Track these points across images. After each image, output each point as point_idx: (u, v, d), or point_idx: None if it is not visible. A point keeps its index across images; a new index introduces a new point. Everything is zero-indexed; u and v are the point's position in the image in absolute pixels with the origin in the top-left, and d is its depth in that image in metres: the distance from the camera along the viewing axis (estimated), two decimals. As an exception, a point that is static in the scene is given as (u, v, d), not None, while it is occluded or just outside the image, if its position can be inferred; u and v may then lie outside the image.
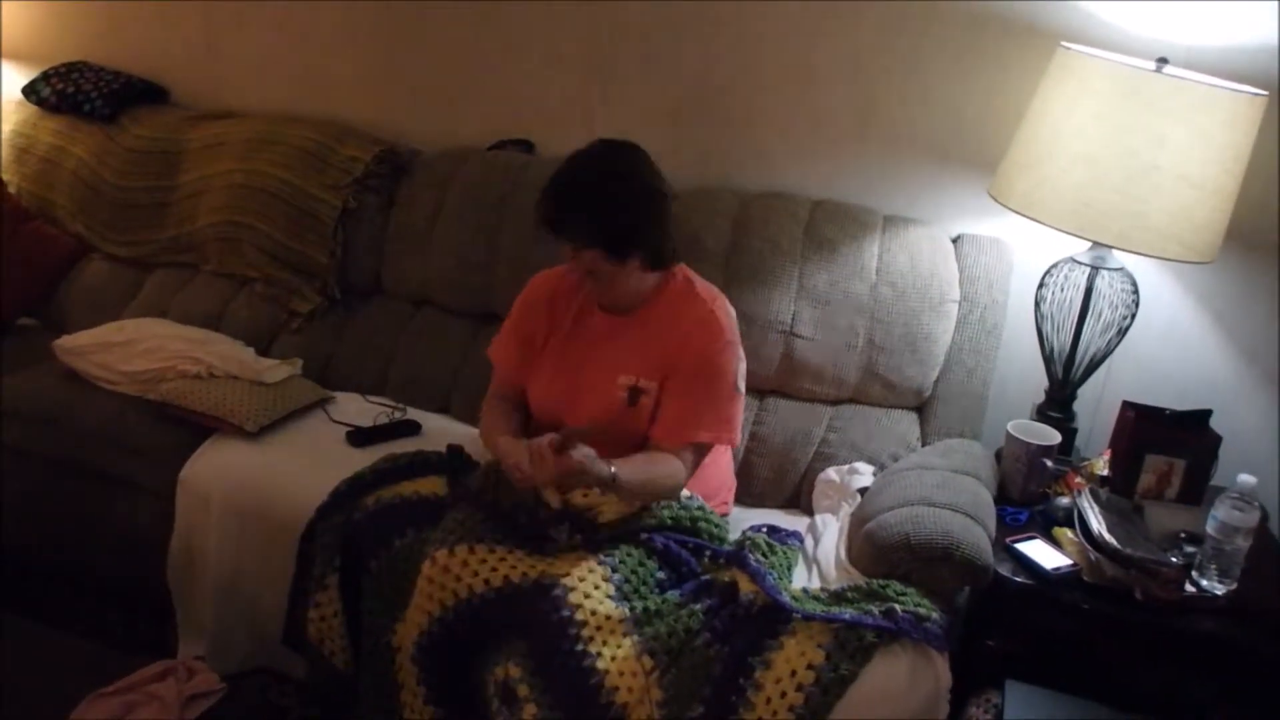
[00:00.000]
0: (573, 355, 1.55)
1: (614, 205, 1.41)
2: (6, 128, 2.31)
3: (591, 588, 1.33)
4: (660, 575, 1.41)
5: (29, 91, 2.31)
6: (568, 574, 1.34)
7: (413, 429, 1.80)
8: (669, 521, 1.46)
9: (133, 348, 1.87)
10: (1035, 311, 1.67)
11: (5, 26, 2.42)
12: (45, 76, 2.30)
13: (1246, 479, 1.39)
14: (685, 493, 1.49)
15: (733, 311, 1.53)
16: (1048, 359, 1.67)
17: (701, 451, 1.49)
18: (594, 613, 1.31)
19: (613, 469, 1.37)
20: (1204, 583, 1.39)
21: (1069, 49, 1.52)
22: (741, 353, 1.51)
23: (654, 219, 1.46)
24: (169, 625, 1.73)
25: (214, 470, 1.66)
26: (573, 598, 1.31)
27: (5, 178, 2.25)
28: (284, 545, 1.55)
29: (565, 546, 1.41)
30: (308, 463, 1.65)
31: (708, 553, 1.46)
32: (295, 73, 2.22)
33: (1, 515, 1.83)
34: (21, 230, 2.19)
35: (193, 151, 2.16)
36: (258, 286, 2.07)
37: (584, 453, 1.33)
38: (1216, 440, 1.52)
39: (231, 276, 2.10)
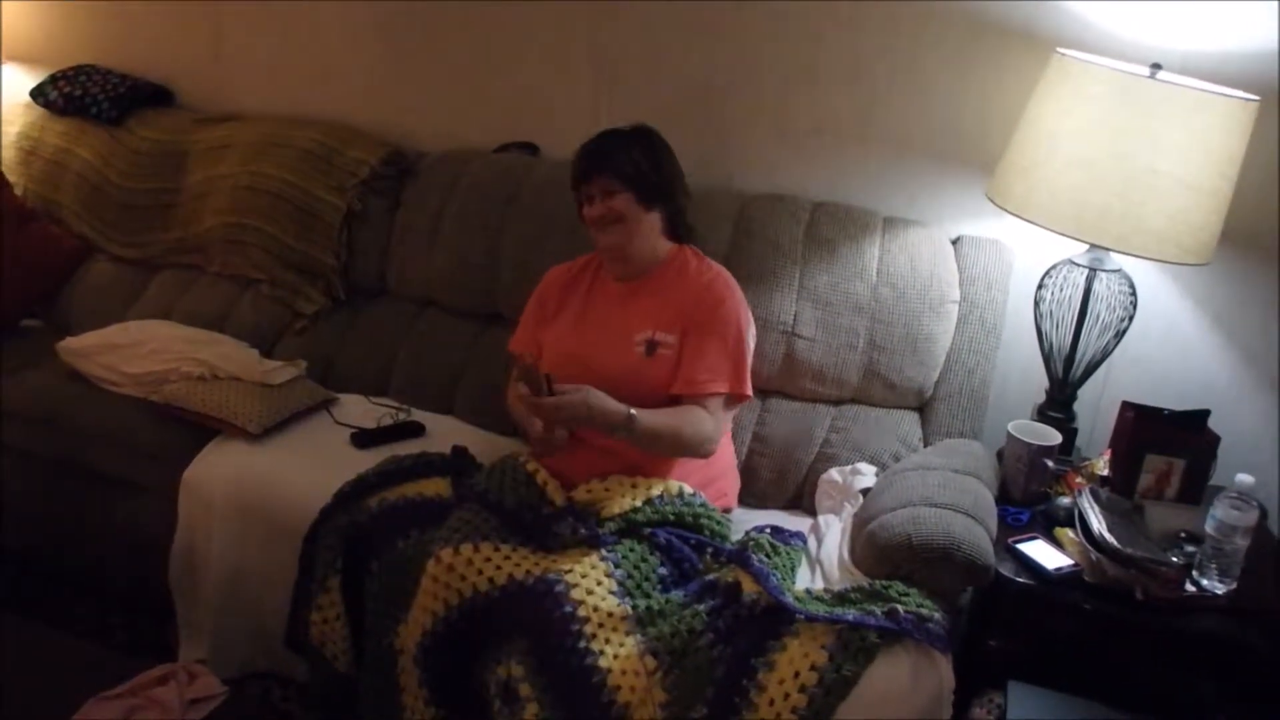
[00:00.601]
0: (587, 321, 1.60)
1: (652, 152, 1.56)
2: (14, 130, 2.33)
3: (594, 584, 1.34)
4: (662, 571, 1.41)
5: (36, 94, 2.32)
6: (570, 570, 1.34)
7: (417, 430, 1.80)
8: (671, 517, 1.46)
9: (137, 349, 1.88)
10: (1034, 312, 1.68)
11: (12, 29, 2.45)
12: (53, 79, 2.32)
13: (1245, 478, 1.40)
14: (687, 488, 1.50)
15: (739, 287, 1.60)
16: (1047, 359, 1.69)
17: (725, 407, 1.53)
18: (596, 609, 1.31)
19: (633, 411, 1.41)
20: (1204, 582, 1.39)
21: (1065, 55, 1.54)
22: (750, 316, 1.60)
23: (680, 182, 1.60)
24: (170, 628, 1.73)
25: (217, 472, 1.67)
26: (575, 594, 1.32)
27: (12, 179, 2.27)
28: (287, 547, 1.55)
29: (569, 541, 1.42)
30: (311, 464, 1.66)
31: (709, 549, 1.47)
32: (301, 76, 2.24)
33: (3, 516, 1.83)
34: (27, 231, 2.20)
35: (198, 154, 2.17)
36: (263, 288, 2.08)
37: (565, 388, 1.38)
38: (1215, 440, 1.53)
39: (236, 278, 2.11)
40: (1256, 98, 1.45)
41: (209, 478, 1.66)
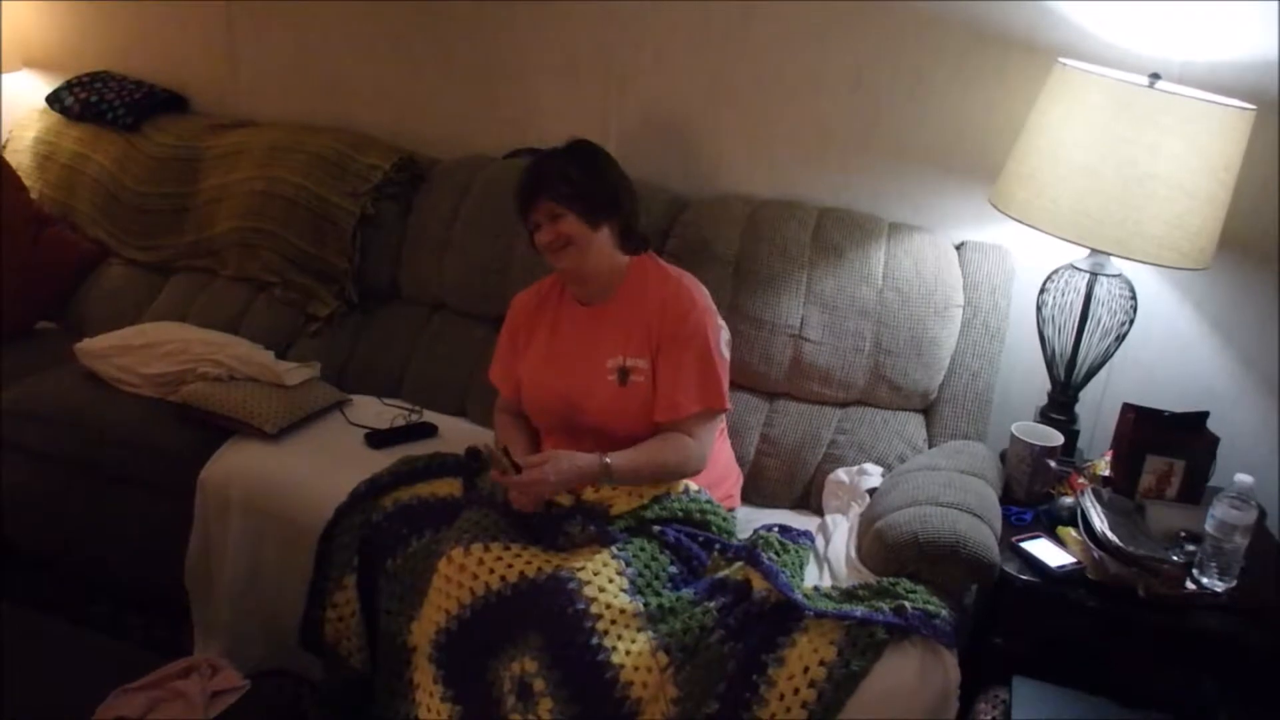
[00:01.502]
0: (559, 352, 1.59)
1: (592, 168, 1.53)
2: (30, 134, 2.36)
3: (606, 581, 1.36)
4: (672, 570, 1.43)
5: (53, 100, 2.35)
6: (582, 567, 1.36)
7: (429, 431, 1.83)
8: (679, 514, 1.48)
9: (153, 350, 1.90)
10: (1037, 316, 1.71)
11: (29, 36, 2.48)
12: (69, 86, 2.35)
13: (1244, 478, 1.43)
14: (693, 486, 1.52)
15: (704, 288, 1.58)
16: (1049, 362, 1.72)
17: (706, 422, 1.52)
18: (609, 605, 1.33)
19: (606, 459, 1.42)
20: (1204, 580, 1.42)
21: (1066, 65, 1.57)
22: (720, 321, 1.57)
23: (626, 191, 1.56)
24: (184, 627, 1.74)
25: (234, 471, 1.68)
26: (587, 591, 1.33)
27: (28, 183, 2.29)
28: (303, 546, 1.56)
29: (580, 539, 1.44)
30: (327, 464, 1.68)
31: (717, 546, 1.49)
32: (315, 83, 2.27)
33: (21, 516, 1.84)
34: (43, 235, 2.23)
35: (213, 159, 2.20)
36: (276, 291, 2.10)
37: (532, 462, 1.40)
38: (1214, 441, 1.56)
39: (250, 281, 2.14)
40: (1253, 107, 1.48)
41: (226, 477, 1.68)
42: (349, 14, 2.18)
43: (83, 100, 2.31)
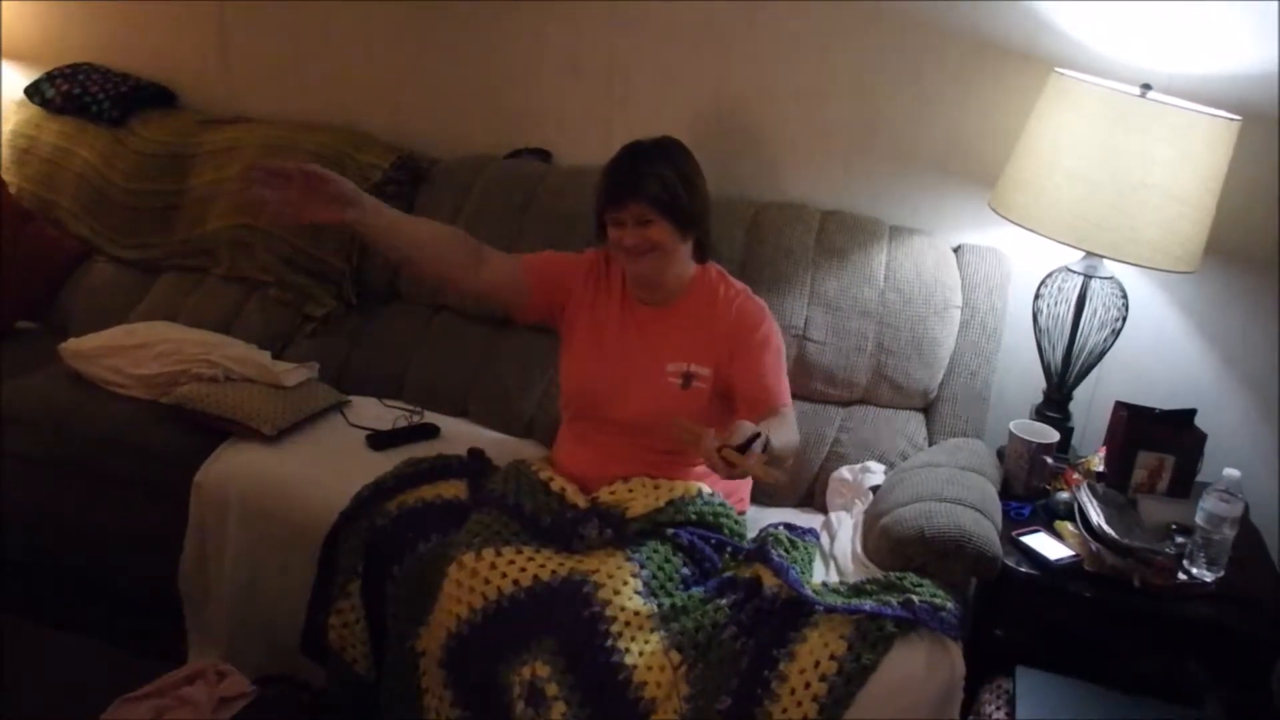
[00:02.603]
0: (608, 345, 1.57)
1: (688, 176, 1.49)
2: (7, 128, 2.27)
3: (620, 584, 1.36)
4: (685, 571, 1.44)
5: (32, 92, 2.28)
6: (596, 570, 1.36)
7: (431, 432, 1.81)
8: (693, 517, 1.49)
9: (145, 351, 1.85)
10: (1033, 317, 1.76)
11: (8, 27, 2.39)
12: (50, 77, 2.27)
13: (1231, 473, 1.48)
14: (706, 489, 1.53)
15: (763, 302, 1.60)
16: (1044, 362, 1.76)
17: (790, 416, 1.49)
18: (623, 609, 1.33)
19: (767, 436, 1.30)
20: (1195, 570, 1.47)
21: (1062, 74, 1.62)
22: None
23: (709, 202, 1.54)
24: (180, 633, 1.71)
25: (231, 474, 1.65)
26: (602, 594, 1.33)
27: (5, 178, 2.22)
28: (303, 550, 1.54)
29: (595, 543, 1.44)
30: (328, 466, 1.65)
31: (729, 549, 1.50)
32: (309, 79, 2.23)
33: (9, 523, 1.79)
34: (22, 232, 2.16)
35: (204, 155, 2.15)
36: (271, 290, 2.07)
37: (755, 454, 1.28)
38: (1202, 437, 1.62)
39: (243, 280, 2.09)
40: (1238, 117, 1.54)
41: (222, 480, 1.64)
42: (346, 9, 2.15)
43: (64, 92, 2.24)
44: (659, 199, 1.46)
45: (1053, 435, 1.66)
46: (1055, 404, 1.77)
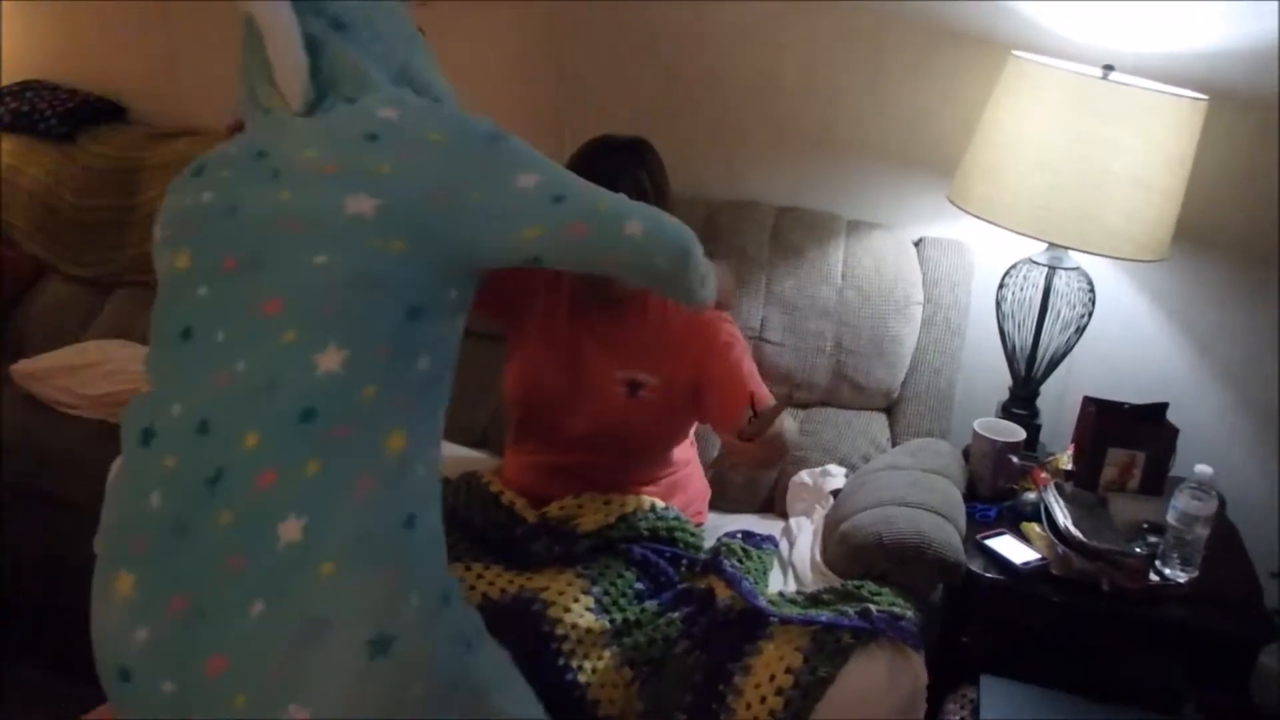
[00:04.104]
0: (557, 347, 1.52)
1: (656, 175, 1.44)
2: (-45, 149, 2.26)
3: (571, 601, 1.32)
4: (639, 586, 1.40)
5: (-20, 112, 2.26)
6: (547, 588, 1.33)
7: (385, 445, 1.78)
8: (645, 533, 1.45)
9: (95, 370, 1.84)
10: (996, 311, 1.71)
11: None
12: (-3, 95, 2.26)
13: (1203, 469, 1.44)
14: (659, 503, 1.49)
15: None
16: (1010, 357, 1.71)
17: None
18: (574, 626, 1.30)
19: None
20: (1167, 571, 1.42)
21: (1020, 58, 1.56)
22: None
23: (670, 201, 1.47)
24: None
25: (181, 493, 1.63)
26: (552, 612, 1.30)
27: (-44, 199, 2.20)
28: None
29: (545, 559, 1.40)
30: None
31: (684, 562, 1.46)
32: (258, 89, 2.20)
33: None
34: (-26, 253, 2.15)
35: (154, 169, 2.13)
36: (223, 305, 2.05)
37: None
38: (1174, 432, 1.57)
39: (196, 296, 2.08)
40: (1205, 97, 1.48)
41: (173, 501, 1.63)
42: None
43: (13, 110, 2.22)
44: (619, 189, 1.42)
45: (1019, 433, 1.61)
46: (1022, 401, 1.72)
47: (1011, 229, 1.54)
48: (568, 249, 0.97)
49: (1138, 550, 1.44)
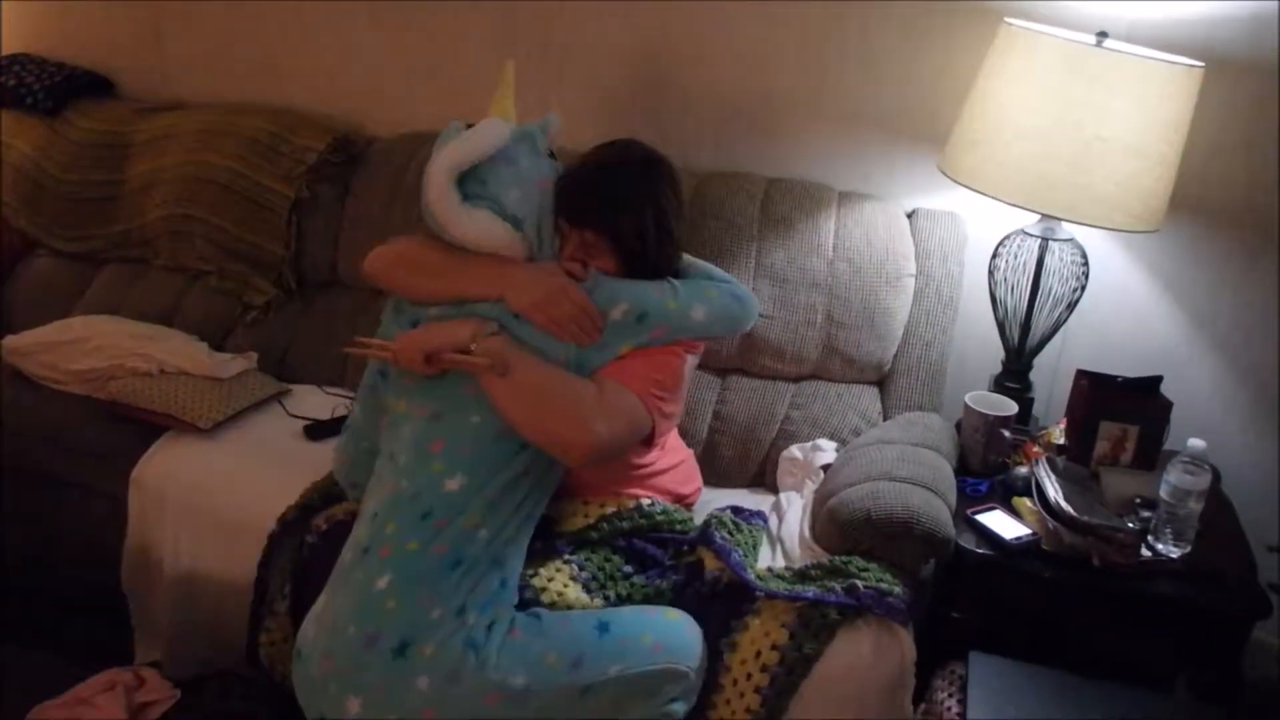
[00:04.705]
0: None
1: (669, 225, 1.31)
2: (-59, 124, 2.24)
3: (562, 585, 1.31)
4: (627, 569, 1.38)
5: (-34, 87, 2.24)
6: (535, 574, 1.32)
7: (371, 420, 1.77)
8: (629, 530, 1.39)
9: (81, 346, 1.82)
10: (989, 283, 1.68)
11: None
12: (-19, 70, 2.24)
13: (1196, 443, 1.41)
14: (645, 500, 1.43)
15: None
16: (1003, 330, 1.69)
17: (628, 409, 1.27)
18: (569, 606, 1.29)
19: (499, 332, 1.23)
20: (1159, 546, 1.40)
21: (1012, 25, 1.53)
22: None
23: (679, 244, 1.37)
24: (129, 631, 1.68)
25: (168, 470, 1.62)
26: (545, 597, 1.29)
27: (-58, 175, 2.19)
28: (243, 544, 1.51)
29: (529, 554, 1.38)
30: (265, 459, 1.62)
31: (673, 544, 1.43)
32: (245, 62, 2.18)
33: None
34: (-39, 229, 2.13)
35: (141, 144, 2.10)
36: (211, 280, 2.03)
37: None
38: (1168, 405, 1.54)
39: (184, 270, 2.05)
40: (1200, 64, 1.45)
41: (159, 476, 1.61)
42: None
43: (0, 84, 2.20)
44: (624, 241, 1.29)
45: (1010, 407, 1.59)
46: (1014, 374, 1.69)
47: (1003, 199, 1.51)
48: (649, 344, 1.33)
49: (1130, 525, 1.42)
